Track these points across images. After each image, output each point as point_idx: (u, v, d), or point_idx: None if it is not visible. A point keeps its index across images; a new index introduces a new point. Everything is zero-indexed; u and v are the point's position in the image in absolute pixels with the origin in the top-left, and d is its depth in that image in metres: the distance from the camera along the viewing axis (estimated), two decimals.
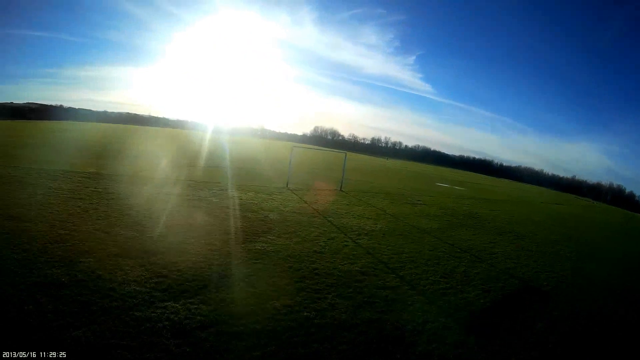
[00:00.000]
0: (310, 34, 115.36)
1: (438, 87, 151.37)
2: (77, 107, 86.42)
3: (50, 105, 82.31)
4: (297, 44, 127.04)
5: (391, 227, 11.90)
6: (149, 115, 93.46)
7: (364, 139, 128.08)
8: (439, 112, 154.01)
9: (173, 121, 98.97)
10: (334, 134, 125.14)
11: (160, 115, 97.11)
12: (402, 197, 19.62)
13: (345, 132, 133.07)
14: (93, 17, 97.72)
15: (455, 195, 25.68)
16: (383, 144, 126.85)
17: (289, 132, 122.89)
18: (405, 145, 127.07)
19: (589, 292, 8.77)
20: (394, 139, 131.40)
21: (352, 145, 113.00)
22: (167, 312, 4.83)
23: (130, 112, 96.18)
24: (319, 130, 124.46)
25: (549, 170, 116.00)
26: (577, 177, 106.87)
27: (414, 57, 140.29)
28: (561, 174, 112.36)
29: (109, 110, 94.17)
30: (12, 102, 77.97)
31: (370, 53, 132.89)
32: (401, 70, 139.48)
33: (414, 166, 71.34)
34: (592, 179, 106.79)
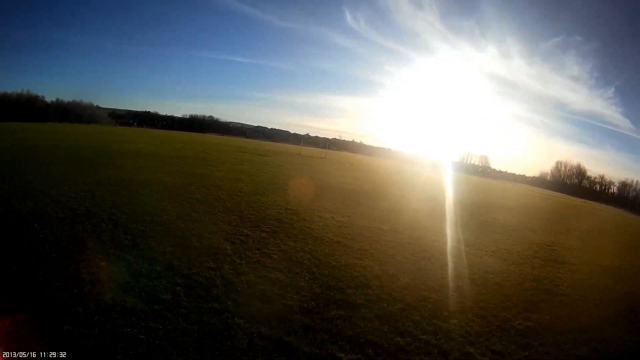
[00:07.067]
0: (519, 66, 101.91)
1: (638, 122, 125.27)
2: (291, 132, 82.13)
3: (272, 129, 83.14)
4: (506, 77, 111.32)
5: None
6: (360, 143, 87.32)
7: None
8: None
9: (389, 151, 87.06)
10: (581, 174, 73.53)
11: (374, 145, 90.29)
12: None
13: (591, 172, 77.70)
14: (304, 47, 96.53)
15: None
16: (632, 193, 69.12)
17: (509, 171, 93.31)
18: None
19: None
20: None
21: (598, 195, 65.02)
22: None
23: (339, 138, 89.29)
24: (562, 167, 75.15)
25: None
26: None
27: (612, 89, 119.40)
28: None
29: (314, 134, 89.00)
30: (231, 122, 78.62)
31: (575, 86, 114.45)
32: (602, 105, 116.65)
33: None
34: None
